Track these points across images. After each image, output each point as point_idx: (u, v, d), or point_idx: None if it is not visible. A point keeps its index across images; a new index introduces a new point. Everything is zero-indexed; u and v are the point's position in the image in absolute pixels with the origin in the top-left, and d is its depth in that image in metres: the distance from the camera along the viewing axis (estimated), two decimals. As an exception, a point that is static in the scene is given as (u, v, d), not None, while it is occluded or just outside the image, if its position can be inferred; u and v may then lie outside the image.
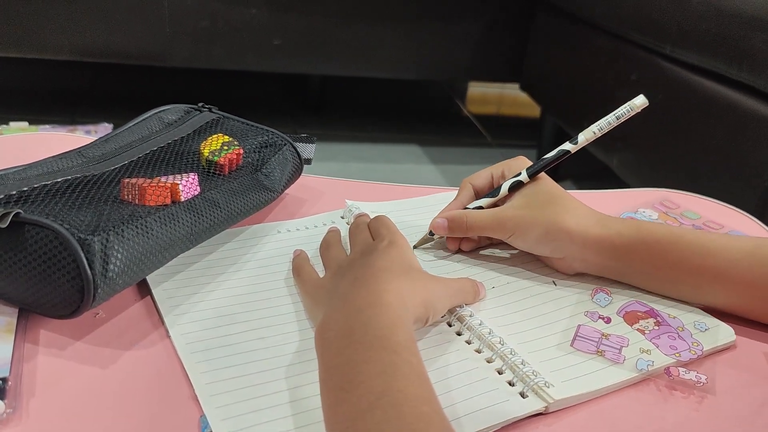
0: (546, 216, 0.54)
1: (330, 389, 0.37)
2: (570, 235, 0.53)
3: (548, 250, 0.55)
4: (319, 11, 1.76)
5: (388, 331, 0.39)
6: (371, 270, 0.45)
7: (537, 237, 0.54)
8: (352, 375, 0.37)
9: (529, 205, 0.55)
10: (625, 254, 0.53)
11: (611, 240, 0.53)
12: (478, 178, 0.60)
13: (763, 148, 1.01)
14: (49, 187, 0.47)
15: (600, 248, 0.53)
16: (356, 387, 0.36)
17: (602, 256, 0.54)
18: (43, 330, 0.45)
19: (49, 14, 1.63)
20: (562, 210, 0.54)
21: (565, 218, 0.53)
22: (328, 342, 0.40)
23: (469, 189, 0.60)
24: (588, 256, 0.54)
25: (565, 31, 1.72)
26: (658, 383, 0.46)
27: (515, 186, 0.57)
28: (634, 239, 0.52)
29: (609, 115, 0.55)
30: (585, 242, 0.53)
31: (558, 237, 0.53)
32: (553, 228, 0.53)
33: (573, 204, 0.55)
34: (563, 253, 0.55)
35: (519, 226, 0.55)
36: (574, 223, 0.53)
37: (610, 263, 0.54)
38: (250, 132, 0.64)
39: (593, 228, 0.53)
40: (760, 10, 1.01)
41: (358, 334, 0.39)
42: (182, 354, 0.43)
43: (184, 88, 2.24)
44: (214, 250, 0.55)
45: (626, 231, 0.53)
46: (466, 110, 2.41)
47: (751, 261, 0.50)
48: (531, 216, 0.54)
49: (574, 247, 0.54)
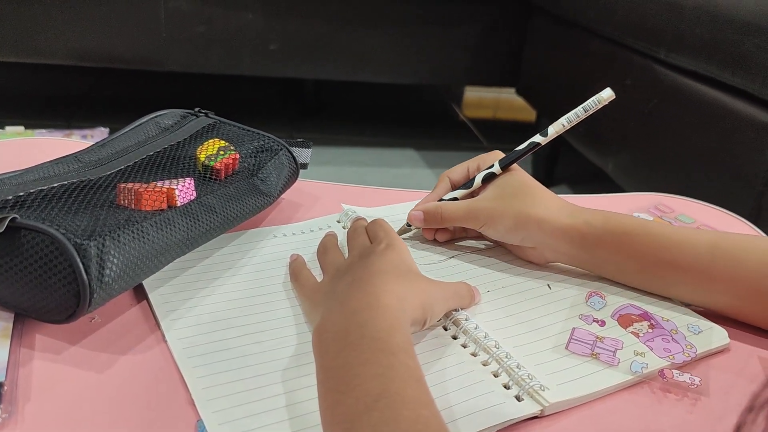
0: (516, 206, 0.56)
1: (327, 391, 0.38)
2: (539, 224, 0.55)
3: (519, 239, 0.57)
4: (315, 16, 1.77)
5: (385, 334, 0.39)
6: (369, 272, 0.45)
7: (507, 227, 0.56)
8: (349, 377, 0.37)
9: (501, 196, 0.57)
10: (593, 244, 0.54)
11: (579, 229, 0.54)
12: (454, 172, 0.62)
13: (757, 153, 1.01)
14: (45, 192, 0.47)
15: (568, 237, 0.55)
16: (353, 389, 0.36)
17: (571, 246, 0.55)
18: (39, 335, 0.45)
19: (46, 19, 1.63)
20: (532, 200, 0.56)
21: (535, 208, 0.55)
22: (325, 344, 0.40)
23: (446, 182, 0.62)
24: (557, 245, 0.55)
25: (560, 36, 1.72)
26: (653, 386, 0.46)
27: (488, 177, 0.59)
28: (602, 230, 0.54)
29: (577, 108, 0.57)
30: (553, 231, 0.55)
31: (527, 226, 0.55)
32: (523, 218, 0.55)
33: (543, 195, 0.56)
34: (533, 242, 0.56)
35: (490, 217, 0.56)
36: (543, 213, 0.55)
37: (579, 253, 0.55)
38: (247, 137, 0.64)
39: (561, 218, 0.55)
40: (753, 15, 1.02)
41: (355, 336, 0.39)
42: (179, 358, 0.43)
43: (180, 93, 2.24)
44: (211, 255, 0.56)
45: (594, 221, 0.54)
46: (462, 114, 2.42)
47: (714, 254, 0.51)
48: (501, 206, 0.56)
49: (543, 236, 0.55)
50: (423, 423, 0.34)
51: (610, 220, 0.54)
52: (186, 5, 1.67)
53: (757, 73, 1.01)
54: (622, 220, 0.55)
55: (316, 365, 0.40)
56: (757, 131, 1.01)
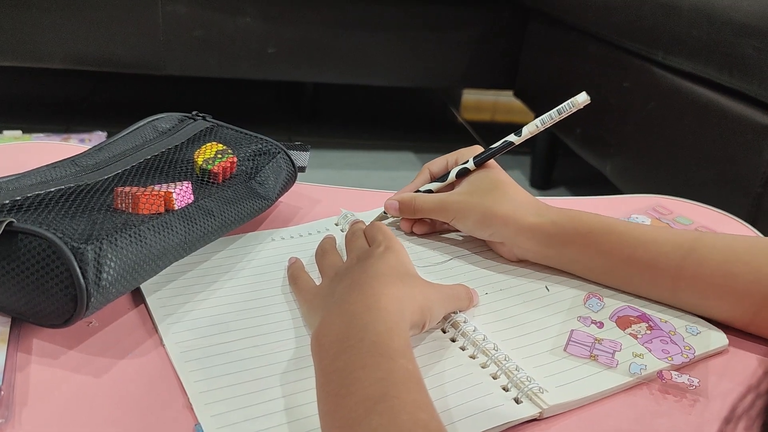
0: (484, 202, 0.57)
1: (326, 395, 0.37)
2: (504, 221, 0.56)
3: (487, 234, 0.58)
4: (313, 19, 1.77)
5: (384, 337, 0.39)
6: (367, 275, 0.45)
7: (475, 222, 0.57)
8: (349, 381, 0.37)
9: (471, 192, 0.58)
10: (559, 242, 0.55)
11: (544, 228, 0.55)
12: (435, 164, 0.64)
13: (755, 154, 1.01)
14: (43, 196, 0.47)
15: (534, 236, 0.56)
16: (353, 393, 0.36)
17: (536, 244, 0.56)
18: (36, 339, 0.45)
19: (43, 23, 1.63)
20: (501, 197, 0.57)
21: (502, 205, 0.56)
22: (324, 348, 0.40)
23: (426, 173, 0.64)
24: (524, 243, 0.56)
25: (558, 39, 1.73)
26: (651, 387, 0.46)
27: (462, 172, 0.60)
28: (567, 228, 0.55)
29: (552, 110, 0.58)
30: (519, 229, 0.56)
31: (493, 223, 0.56)
32: (489, 214, 0.56)
33: (513, 192, 0.58)
34: (501, 238, 0.57)
35: (459, 211, 0.58)
36: (510, 210, 0.56)
37: (546, 251, 0.56)
38: (244, 140, 0.64)
39: (527, 216, 0.56)
40: (750, 17, 1.02)
41: (354, 340, 0.39)
42: (176, 362, 0.43)
43: (178, 97, 2.24)
44: (208, 258, 0.55)
45: (560, 220, 0.55)
46: (460, 117, 2.42)
47: (682, 254, 0.52)
48: (470, 202, 0.58)
49: (509, 232, 0.56)
50: (422, 426, 0.34)
51: (575, 219, 0.55)
52: (184, 9, 1.68)
53: (755, 74, 1.01)
54: (588, 219, 0.55)
55: (315, 369, 0.40)
56: (754, 133, 1.02)
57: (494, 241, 0.59)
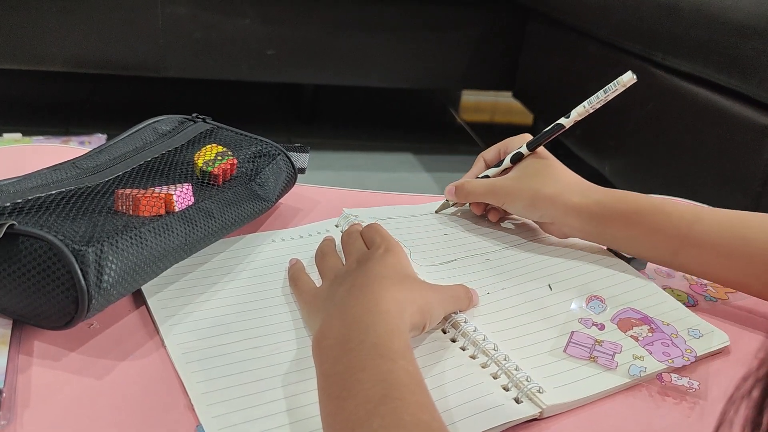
0: (532, 185, 0.60)
1: (328, 397, 0.38)
2: (552, 201, 0.59)
3: (536, 215, 0.62)
4: (312, 21, 1.77)
5: (385, 339, 0.39)
6: (368, 278, 0.46)
7: (524, 204, 0.61)
8: (350, 383, 0.37)
9: (520, 176, 0.62)
10: (603, 221, 0.58)
11: (589, 208, 0.58)
12: (488, 153, 0.67)
13: (754, 154, 1.01)
14: (43, 199, 0.47)
15: (579, 215, 0.59)
16: (354, 395, 0.36)
17: (583, 222, 0.59)
18: (37, 341, 0.45)
19: (43, 25, 1.63)
20: (548, 179, 0.60)
21: (549, 187, 0.60)
22: (325, 351, 0.40)
23: (481, 162, 0.67)
24: (571, 221, 0.59)
25: (557, 40, 1.73)
26: (651, 389, 0.46)
27: (516, 158, 0.63)
28: (612, 208, 0.58)
29: (598, 91, 0.61)
30: (565, 209, 0.59)
31: (542, 204, 0.60)
32: (537, 196, 0.60)
33: (560, 174, 0.61)
34: (550, 218, 0.61)
35: (508, 195, 0.61)
36: (557, 191, 0.59)
37: (591, 229, 0.59)
38: (244, 142, 0.64)
39: (573, 197, 0.59)
40: (749, 17, 1.02)
41: (355, 342, 0.39)
42: (178, 364, 0.43)
43: (177, 99, 2.24)
44: (209, 260, 0.56)
45: (605, 200, 0.58)
46: (459, 118, 2.42)
47: (732, 234, 0.54)
48: (519, 185, 0.61)
49: (556, 213, 0.59)
50: (424, 428, 0.34)
51: (621, 199, 0.58)
52: (183, 11, 1.68)
53: (754, 75, 1.01)
54: (634, 198, 0.58)
55: (317, 371, 0.40)
56: (753, 133, 1.02)
57: (544, 222, 0.62)
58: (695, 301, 0.57)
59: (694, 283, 0.60)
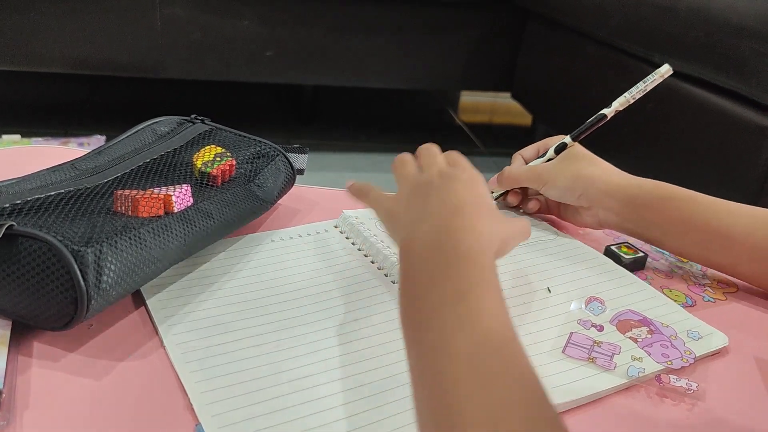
0: (573, 168, 0.63)
1: (413, 287, 0.40)
2: (593, 180, 0.62)
3: (575, 196, 0.63)
4: (311, 22, 1.77)
5: (476, 254, 0.41)
6: (462, 201, 0.46)
7: (564, 185, 0.63)
8: (439, 278, 0.39)
9: (562, 160, 0.65)
10: (641, 205, 0.60)
11: (630, 190, 0.61)
12: (526, 150, 0.70)
13: (752, 154, 1.01)
14: (42, 200, 0.47)
15: (619, 195, 0.61)
16: (442, 286, 0.38)
17: (621, 204, 0.61)
18: (36, 342, 0.45)
19: (42, 27, 1.63)
20: (590, 163, 0.63)
21: (591, 168, 0.63)
22: (416, 251, 0.42)
23: (519, 158, 0.70)
24: (609, 203, 0.61)
25: (555, 41, 1.73)
26: (649, 390, 0.46)
27: (560, 148, 0.66)
28: (651, 193, 0.60)
29: (638, 82, 0.63)
30: (607, 189, 0.61)
31: (583, 183, 0.62)
32: (578, 175, 0.63)
33: (601, 161, 0.64)
34: (588, 201, 0.63)
35: (550, 177, 0.64)
36: (598, 172, 0.62)
37: (628, 213, 0.61)
38: (243, 143, 0.64)
39: (615, 177, 0.62)
40: (747, 18, 1.03)
41: (447, 248, 0.41)
42: (177, 364, 0.43)
43: (176, 100, 2.24)
44: (208, 260, 0.56)
45: (645, 185, 0.61)
46: (458, 119, 2.42)
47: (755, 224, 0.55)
48: (560, 167, 0.64)
49: (596, 192, 0.62)
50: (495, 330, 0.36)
51: (660, 186, 0.60)
52: (182, 12, 1.68)
53: (752, 75, 1.01)
54: (671, 187, 0.60)
55: (402, 271, 0.42)
56: (752, 133, 1.02)
57: (580, 207, 0.64)
58: (693, 302, 0.57)
59: (692, 284, 0.60)
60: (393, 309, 0.51)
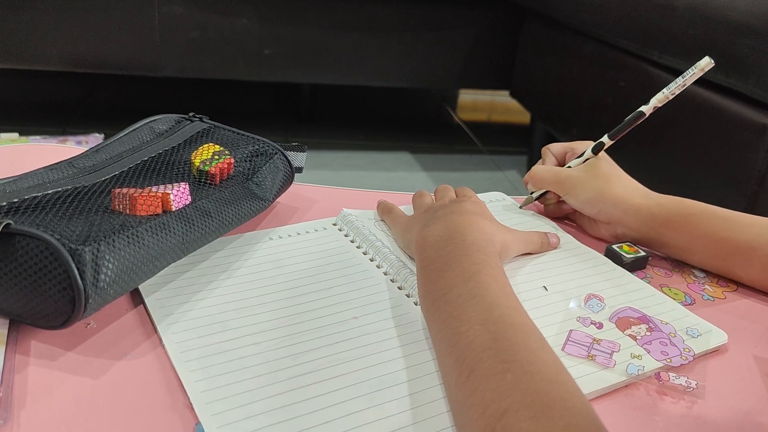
0: (597, 182, 0.64)
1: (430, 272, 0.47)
2: (615, 201, 0.62)
3: (594, 211, 0.64)
4: (309, 21, 1.77)
5: (483, 244, 0.49)
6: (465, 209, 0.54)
7: (586, 198, 0.64)
8: (451, 262, 0.46)
9: (589, 171, 0.65)
10: (662, 223, 0.61)
11: (650, 210, 0.61)
12: (554, 147, 0.71)
13: (751, 153, 1.01)
14: (40, 199, 0.47)
15: (640, 216, 0.61)
16: (453, 269, 0.45)
17: (642, 224, 0.62)
18: (34, 341, 0.45)
19: (40, 25, 1.63)
20: (614, 180, 0.64)
21: (613, 187, 0.63)
22: (429, 242, 0.50)
23: (549, 155, 0.71)
24: (629, 222, 0.62)
25: (553, 39, 1.73)
26: (648, 388, 0.46)
27: (598, 148, 0.66)
28: (671, 210, 0.60)
29: (677, 78, 0.61)
30: (627, 209, 0.62)
31: (605, 201, 0.63)
32: (601, 193, 0.63)
33: (624, 178, 0.65)
34: (608, 217, 0.63)
35: (573, 186, 0.65)
36: (621, 192, 0.62)
37: (649, 231, 0.62)
38: (241, 141, 0.64)
39: (636, 198, 0.62)
40: (746, 16, 1.02)
41: (457, 239, 0.49)
42: (176, 362, 0.43)
43: (174, 98, 2.24)
44: (206, 258, 0.55)
45: (665, 202, 0.61)
46: (457, 117, 2.42)
47: None
48: (584, 179, 0.64)
49: (617, 212, 0.62)
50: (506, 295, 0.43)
51: (679, 202, 0.61)
52: (180, 11, 1.68)
53: (750, 73, 1.01)
54: (691, 203, 0.60)
55: (417, 259, 0.50)
56: (750, 132, 1.02)
57: (598, 220, 0.65)
58: (692, 300, 0.57)
59: (691, 281, 0.60)
60: (391, 307, 0.51)
